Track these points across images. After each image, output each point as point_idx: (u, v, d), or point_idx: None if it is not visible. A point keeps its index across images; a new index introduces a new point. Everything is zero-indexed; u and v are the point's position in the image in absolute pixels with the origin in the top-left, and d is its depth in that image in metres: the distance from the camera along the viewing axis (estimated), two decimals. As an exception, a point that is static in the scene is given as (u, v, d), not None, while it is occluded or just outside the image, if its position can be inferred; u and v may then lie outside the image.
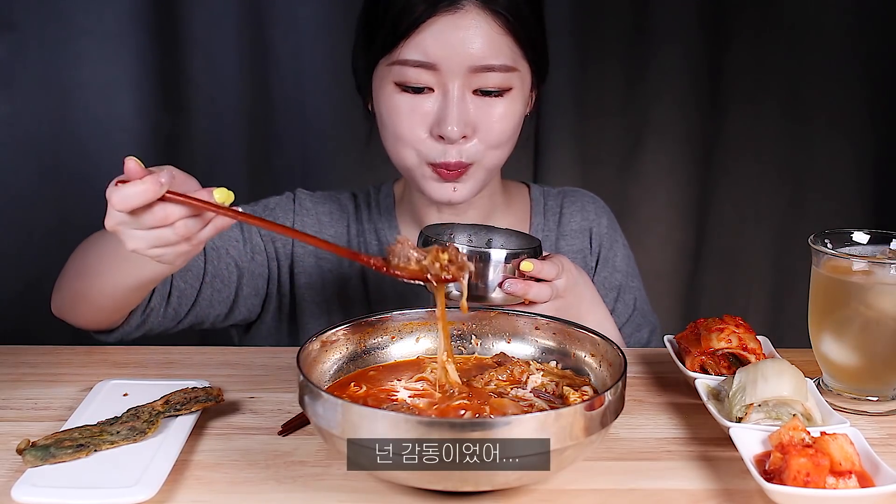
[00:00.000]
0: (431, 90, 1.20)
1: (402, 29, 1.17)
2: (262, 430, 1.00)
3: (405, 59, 1.18)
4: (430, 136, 1.21)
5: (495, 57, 1.18)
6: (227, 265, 1.33)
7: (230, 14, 2.01)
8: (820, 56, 2.17)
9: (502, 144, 1.25)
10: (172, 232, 0.93)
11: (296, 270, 1.40)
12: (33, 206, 2.02)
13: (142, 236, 0.94)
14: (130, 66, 1.98)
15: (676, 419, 1.06)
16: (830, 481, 0.84)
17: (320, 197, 1.45)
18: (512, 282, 1.11)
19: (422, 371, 1.03)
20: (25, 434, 0.94)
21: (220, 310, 1.34)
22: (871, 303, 1.05)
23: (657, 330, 1.47)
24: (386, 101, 1.22)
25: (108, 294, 1.16)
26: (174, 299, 1.27)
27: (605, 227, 1.47)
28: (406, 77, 1.19)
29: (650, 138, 2.22)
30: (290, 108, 2.09)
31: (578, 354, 1.03)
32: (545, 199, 1.47)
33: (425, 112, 1.20)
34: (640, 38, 2.15)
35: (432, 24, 1.16)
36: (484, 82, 1.19)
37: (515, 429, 0.79)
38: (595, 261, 1.46)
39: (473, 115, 1.20)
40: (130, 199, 0.91)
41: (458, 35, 1.16)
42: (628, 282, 1.46)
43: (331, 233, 1.42)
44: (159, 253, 0.95)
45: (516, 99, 1.23)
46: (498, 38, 1.18)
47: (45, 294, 1.27)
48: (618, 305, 1.44)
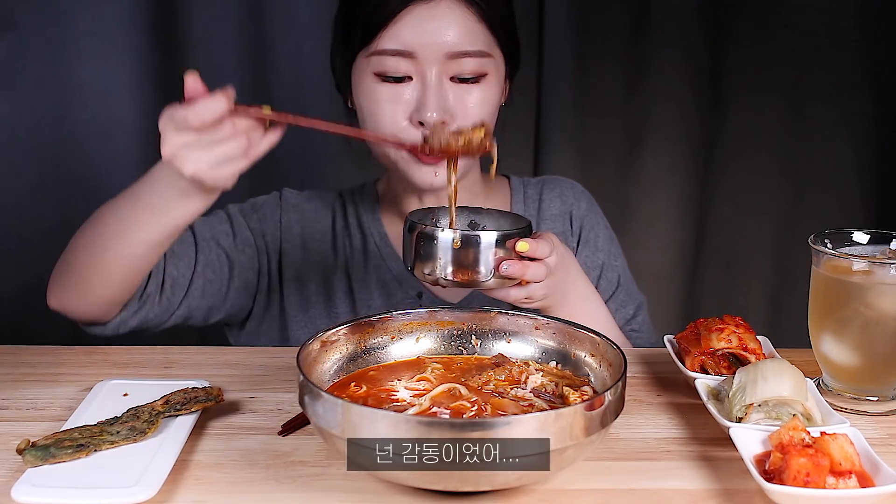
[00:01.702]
0: (410, 79, 1.23)
1: (379, 21, 1.21)
2: (262, 430, 1.00)
3: (383, 48, 1.22)
4: (409, 124, 1.24)
5: (471, 43, 1.22)
6: (217, 255, 1.34)
7: (230, 14, 2.01)
8: (820, 56, 2.17)
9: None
10: (238, 145, 0.99)
11: (284, 264, 1.42)
12: (33, 206, 2.02)
13: (205, 156, 0.98)
14: (130, 66, 1.98)
15: (676, 419, 1.06)
16: (830, 481, 0.84)
17: (306, 195, 1.48)
18: (509, 263, 1.08)
19: (422, 371, 1.03)
20: (25, 434, 0.94)
21: (212, 302, 1.35)
22: (871, 303, 1.05)
23: (644, 307, 1.47)
24: (366, 92, 1.26)
25: (129, 256, 1.15)
26: (167, 287, 1.28)
27: (585, 210, 1.49)
28: (385, 66, 1.22)
29: (650, 138, 2.22)
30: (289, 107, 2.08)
31: (578, 354, 1.03)
32: (525, 188, 1.50)
33: (405, 100, 1.23)
34: (641, 38, 2.16)
35: (408, 13, 1.20)
36: (460, 69, 1.23)
37: (515, 429, 0.79)
38: (576, 242, 1.47)
39: (451, 101, 1.23)
40: (208, 114, 0.95)
41: (434, 23, 1.21)
42: (611, 261, 1.47)
43: (317, 227, 1.45)
44: (220, 173, 1.00)
45: (492, 85, 1.27)
46: (472, 25, 1.22)
47: (45, 294, 1.27)
48: (601, 283, 1.45)
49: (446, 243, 1.05)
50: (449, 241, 1.05)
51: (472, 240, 1.06)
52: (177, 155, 0.99)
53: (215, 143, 0.98)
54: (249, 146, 1.01)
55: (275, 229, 1.43)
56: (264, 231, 1.41)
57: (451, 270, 1.06)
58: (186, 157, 0.99)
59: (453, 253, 1.05)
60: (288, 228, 1.43)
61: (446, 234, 1.06)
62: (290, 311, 1.41)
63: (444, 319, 1.08)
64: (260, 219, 1.42)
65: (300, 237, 1.43)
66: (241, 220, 1.40)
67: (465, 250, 1.05)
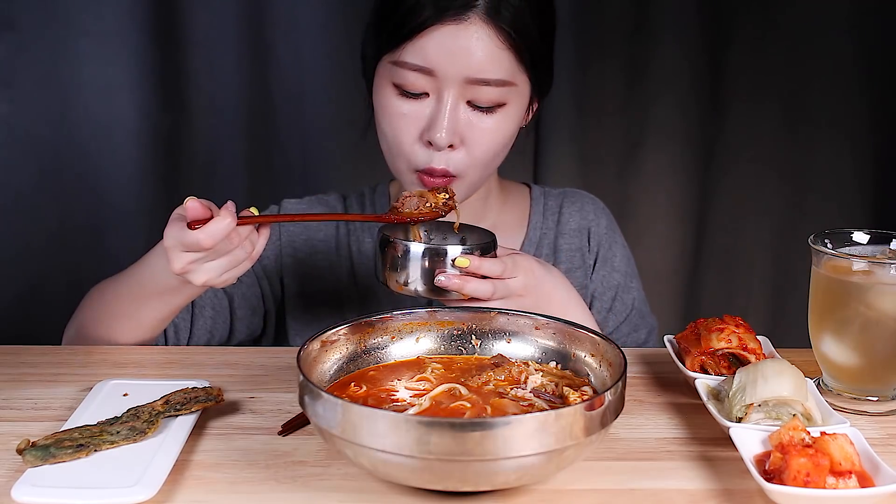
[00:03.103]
0: (427, 95, 1.20)
1: (406, 29, 1.17)
2: (262, 430, 1.00)
3: (405, 61, 1.18)
4: (419, 142, 1.21)
5: (493, 71, 1.18)
6: (214, 293, 1.35)
7: (230, 14, 2.01)
8: (820, 56, 2.17)
9: (487, 162, 1.25)
10: (244, 251, 1.07)
11: (285, 280, 1.41)
12: (33, 206, 2.02)
13: (215, 266, 1.06)
14: (130, 66, 1.98)
15: (676, 419, 1.06)
16: (830, 481, 0.84)
17: (307, 203, 1.46)
18: (446, 275, 1.11)
19: (422, 371, 1.03)
20: (25, 434, 0.94)
21: (220, 334, 1.37)
22: (871, 303, 1.05)
23: (655, 331, 1.47)
24: (383, 101, 1.23)
25: (139, 329, 1.23)
26: (171, 334, 1.32)
27: (604, 228, 1.48)
28: (404, 80, 1.19)
29: (650, 138, 2.22)
30: (290, 108, 2.09)
31: (578, 354, 1.03)
32: (545, 199, 1.48)
33: (418, 117, 1.21)
34: (641, 38, 2.15)
35: (436, 30, 1.16)
36: (477, 96, 1.19)
37: (515, 429, 0.79)
38: (593, 260, 1.46)
39: (464, 125, 1.20)
40: (219, 234, 1.01)
41: (460, 44, 1.16)
42: (627, 282, 1.46)
43: (320, 236, 1.43)
44: (227, 278, 1.08)
45: (508, 115, 1.23)
46: (498, 51, 1.18)
47: (45, 295, 1.28)
48: (615, 304, 1.44)
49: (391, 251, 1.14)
50: (398, 249, 1.13)
51: (405, 249, 1.12)
52: (188, 270, 1.05)
53: (224, 255, 1.05)
54: (252, 248, 1.09)
55: (274, 247, 1.42)
56: (263, 254, 1.40)
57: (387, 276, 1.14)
58: (196, 272, 1.05)
59: (397, 260, 1.13)
60: (289, 243, 1.42)
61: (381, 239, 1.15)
62: (298, 324, 1.41)
63: (444, 319, 1.08)
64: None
65: (303, 248, 1.42)
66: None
67: (402, 259, 1.13)
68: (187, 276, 1.06)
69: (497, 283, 1.13)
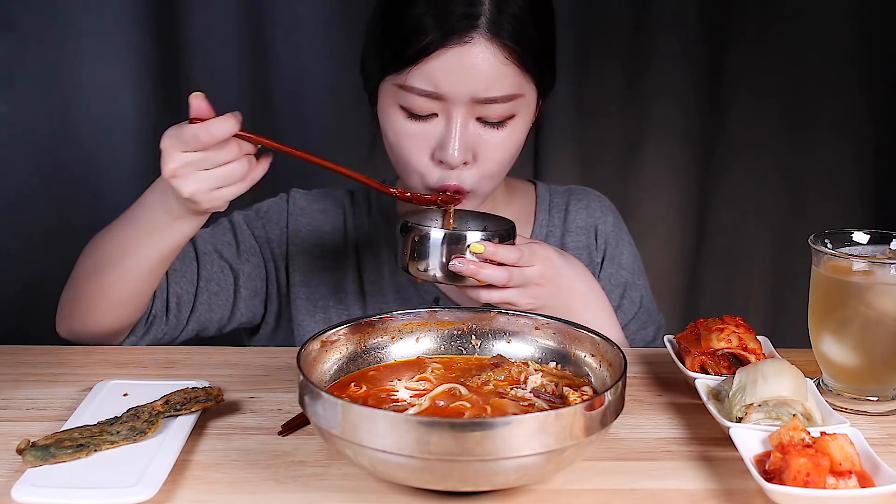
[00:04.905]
0: (435, 115, 1.19)
1: (410, 53, 1.16)
2: (262, 430, 1.00)
3: (412, 86, 1.17)
4: (431, 161, 1.21)
5: (500, 88, 1.17)
6: (220, 267, 1.34)
7: (230, 14, 2.01)
8: (820, 55, 2.17)
9: (500, 172, 1.25)
10: (241, 167, 1.01)
11: (292, 269, 1.41)
12: (33, 206, 2.02)
13: (206, 176, 1.00)
14: (130, 66, 1.98)
15: (676, 419, 1.06)
16: (830, 481, 0.84)
17: (315, 195, 1.46)
18: (460, 260, 1.10)
19: (422, 371, 1.03)
20: (25, 434, 0.94)
21: (222, 313, 1.35)
22: (871, 303, 1.05)
23: (663, 329, 1.47)
24: (391, 123, 1.22)
25: (130, 279, 1.18)
26: (173, 305, 1.30)
27: (611, 226, 1.47)
28: (412, 104, 1.18)
29: (650, 138, 2.22)
30: (290, 108, 2.09)
31: (578, 354, 1.03)
32: (551, 197, 1.48)
33: (428, 137, 1.20)
34: (641, 38, 2.15)
35: (441, 54, 1.15)
36: (487, 112, 1.18)
37: (515, 429, 0.79)
38: (601, 258, 1.46)
39: (475, 141, 1.20)
40: (219, 132, 0.97)
41: (466, 67, 1.15)
42: (634, 279, 1.46)
43: (327, 229, 1.43)
44: (217, 195, 1.02)
45: (518, 126, 1.23)
46: (503, 67, 1.17)
47: (45, 294, 1.27)
48: (623, 302, 1.44)
49: (410, 236, 1.13)
50: (414, 235, 1.12)
51: (424, 234, 1.12)
52: (178, 174, 1.01)
53: (219, 164, 1.00)
54: (249, 170, 1.04)
55: (281, 234, 1.41)
56: (270, 238, 1.40)
57: (408, 263, 1.13)
58: (187, 178, 1.01)
59: (415, 246, 1.12)
60: (296, 232, 1.42)
61: (402, 226, 1.14)
62: (301, 315, 1.40)
63: (445, 319, 1.08)
64: (265, 225, 1.41)
65: (309, 239, 1.42)
66: (245, 229, 1.39)
67: (421, 245, 1.12)
68: (176, 181, 1.01)
69: (513, 271, 1.13)
